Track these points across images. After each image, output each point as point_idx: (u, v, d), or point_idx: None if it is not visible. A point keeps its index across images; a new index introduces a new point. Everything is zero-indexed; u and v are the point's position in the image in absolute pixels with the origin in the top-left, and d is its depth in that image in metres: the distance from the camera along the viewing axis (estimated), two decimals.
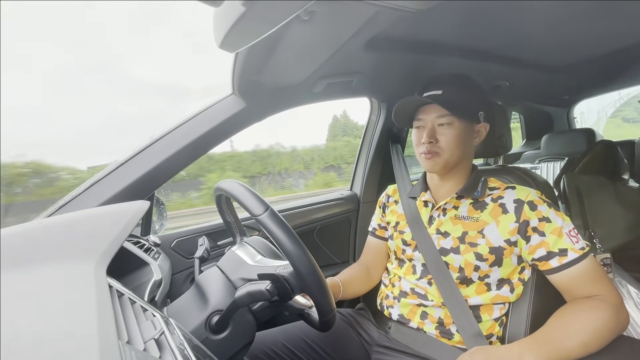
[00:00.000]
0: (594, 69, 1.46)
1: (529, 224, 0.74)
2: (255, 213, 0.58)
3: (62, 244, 0.41)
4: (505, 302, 0.80)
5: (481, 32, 0.97)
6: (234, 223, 0.87)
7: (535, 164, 2.04)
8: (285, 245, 0.57)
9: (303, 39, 0.74)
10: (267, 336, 0.88)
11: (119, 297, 0.38)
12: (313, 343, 0.88)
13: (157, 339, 0.30)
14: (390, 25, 0.83)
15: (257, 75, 0.92)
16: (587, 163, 1.58)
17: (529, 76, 1.40)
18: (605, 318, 0.65)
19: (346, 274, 1.00)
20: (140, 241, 0.92)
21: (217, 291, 0.66)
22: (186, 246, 1.14)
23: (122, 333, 0.27)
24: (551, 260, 0.72)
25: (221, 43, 0.51)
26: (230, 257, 0.75)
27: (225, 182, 0.69)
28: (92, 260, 0.37)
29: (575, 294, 0.71)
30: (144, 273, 0.79)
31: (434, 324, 0.81)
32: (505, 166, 1.01)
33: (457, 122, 0.80)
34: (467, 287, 0.80)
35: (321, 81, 1.07)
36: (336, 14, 0.65)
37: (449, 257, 0.80)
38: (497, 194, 0.81)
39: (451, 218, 0.84)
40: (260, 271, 0.63)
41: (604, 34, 1.07)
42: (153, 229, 1.11)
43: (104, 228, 0.45)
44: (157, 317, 0.37)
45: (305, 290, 0.61)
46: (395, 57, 1.03)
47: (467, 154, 0.85)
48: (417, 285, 0.85)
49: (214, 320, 0.61)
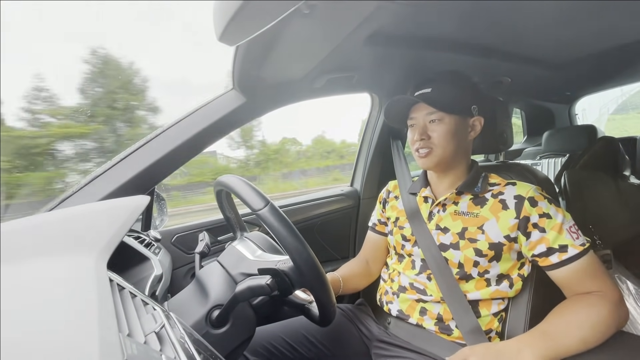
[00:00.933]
0: (596, 65, 1.45)
1: (529, 220, 0.74)
2: (255, 208, 0.58)
3: (63, 238, 0.41)
4: (505, 297, 0.81)
5: (483, 28, 0.96)
6: (234, 218, 0.87)
7: (537, 160, 2.04)
8: (286, 240, 0.57)
9: (304, 33, 0.74)
10: (267, 331, 0.88)
11: (120, 291, 0.38)
12: (313, 338, 0.88)
13: (157, 332, 0.30)
14: (391, 20, 0.83)
15: (258, 70, 0.92)
16: (589, 159, 1.58)
17: (530, 72, 1.39)
18: (604, 314, 0.66)
19: (346, 268, 1.00)
20: (141, 236, 0.92)
21: (217, 286, 0.66)
22: (186, 241, 1.14)
23: (123, 326, 0.27)
24: (551, 256, 0.72)
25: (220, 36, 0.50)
26: (231, 252, 0.76)
27: (225, 177, 0.69)
28: (93, 254, 0.37)
29: (574, 289, 0.72)
30: (144, 268, 0.79)
31: (433, 320, 0.82)
32: (506, 162, 1.01)
33: (448, 118, 0.81)
34: (467, 283, 0.80)
35: (322, 76, 1.07)
36: (337, 7, 0.65)
37: (449, 253, 0.80)
38: (497, 190, 0.81)
39: (451, 214, 0.84)
40: (261, 266, 0.63)
41: (606, 30, 1.06)
42: (153, 224, 1.11)
43: (105, 222, 0.45)
44: (157, 311, 0.37)
45: (305, 285, 0.61)
46: (396, 52, 1.03)
47: (462, 149, 0.85)
48: (416, 280, 0.85)
49: (214, 315, 0.62)
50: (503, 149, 0.98)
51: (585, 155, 1.60)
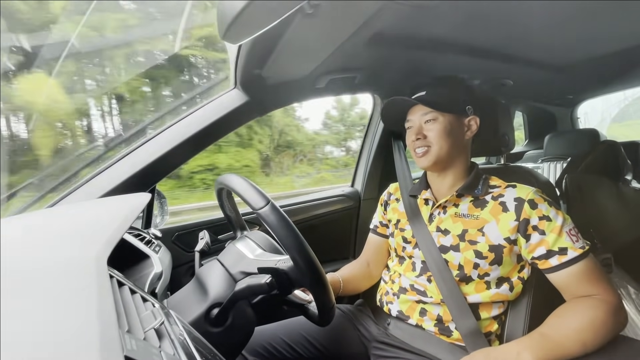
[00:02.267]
0: (598, 69, 1.44)
1: (529, 223, 0.74)
2: (255, 207, 0.58)
3: (63, 233, 0.41)
4: (505, 300, 0.81)
5: (485, 30, 0.96)
6: (235, 217, 0.87)
7: (538, 163, 2.03)
8: (286, 240, 0.57)
9: (307, 33, 0.74)
10: (266, 331, 0.88)
11: (120, 287, 0.38)
12: (312, 338, 0.88)
13: (157, 328, 0.30)
14: (394, 21, 0.83)
15: (260, 69, 0.92)
16: (590, 163, 1.58)
17: (532, 75, 1.39)
18: (603, 317, 0.66)
19: (347, 270, 1.00)
20: (142, 234, 0.92)
21: (217, 284, 0.66)
22: (187, 239, 1.14)
23: (123, 322, 0.27)
24: (551, 258, 0.72)
25: (224, 35, 0.50)
26: (231, 251, 0.76)
27: (226, 175, 0.69)
28: (94, 250, 0.37)
29: (574, 293, 0.71)
30: (144, 266, 0.79)
31: (433, 321, 0.82)
32: (508, 165, 1.01)
33: (442, 117, 0.83)
34: (467, 285, 0.80)
35: (324, 76, 1.07)
36: (340, 7, 0.65)
37: (449, 255, 0.80)
38: (497, 192, 0.81)
39: (451, 216, 0.84)
40: (261, 265, 0.63)
41: (609, 33, 1.06)
42: (154, 222, 1.12)
43: (106, 219, 0.45)
44: (157, 308, 0.37)
45: (305, 284, 0.61)
46: (399, 54, 1.03)
47: (459, 148, 0.86)
48: (416, 282, 0.85)
49: (213, 313, 0.62)
50: (504, 152, 0.98)
51: (587, 158, 1.59)
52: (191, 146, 0.98)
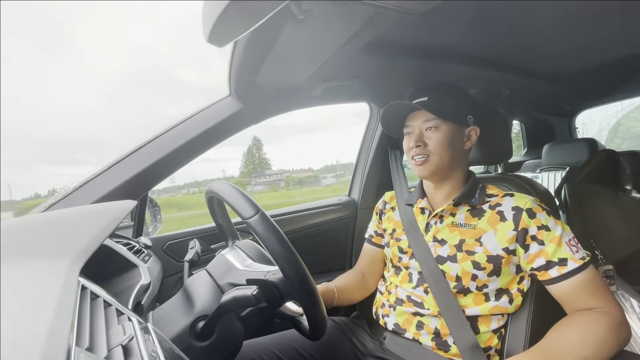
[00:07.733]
0: (596, 79, 1.44)
1: (527, 232, 0.72)
2: (245, 216, 0.57)
3: (37, 242, 0.39)
4: (504, 313, 0.78)
5: (482, 38, 0.96)
6: (226, 226, 0.85)
7: (536, 173, 2.02)
8: (275, 251, 0.55)
9: (300, 39, 0.73)
10: (257, 344, 0.85)
11: (93, 300, 0.36)
12: (305, 352, 0.85)
13: (124, 345, 0.28)
14: (390, 28, 0.82)
15: (254, 76, 0.91)
16: (589, 172, 1.56)
17: (530, 84, 1.39)
18: (605, 332, 0.63)
19: (341, 280, 0.97)
20: (131, 243, 0.90)
21: (203, 296, 0.64)
22: (178, 249, 1.12)
23: (83, 338, 0.25)
24: (550, 270, 0.70)
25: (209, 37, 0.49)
26: (220, 261, 0.73)
27: (216, 183, 0.67)
28: (66, 260, 0.35)
29: (575, 305, 0.69)
30: (131, 276, 0.76)
31: (430, 335, 0.79)
32: (506, 174, 0.99)
33: (444, 126, 0.80)
34: (465, 297, 0.77)
35: (320, 84, 1.06)
36: (333, 14, 0.64)
37: (446, 266, 0.78)
38: (495, 201, 0.79)
39: (448, 225, 0.81)
40: (249, 276, 0.61)
41: (606, 43, 1.06)
42: (145, 231, 1.09)
43: (83, 227, 0.43)
44: (132, 322, 0.35)
45: (295, 297, 0.59)
46: (395, 62, 1.02)
47: (459, 158, 0.84)
48: (413, 294, 0.83)
49: (199, 326, 0.59)
50: (502, 161, 0.97)
51: (585, 168, 1.58)
52: (185, 153, 0.96)
